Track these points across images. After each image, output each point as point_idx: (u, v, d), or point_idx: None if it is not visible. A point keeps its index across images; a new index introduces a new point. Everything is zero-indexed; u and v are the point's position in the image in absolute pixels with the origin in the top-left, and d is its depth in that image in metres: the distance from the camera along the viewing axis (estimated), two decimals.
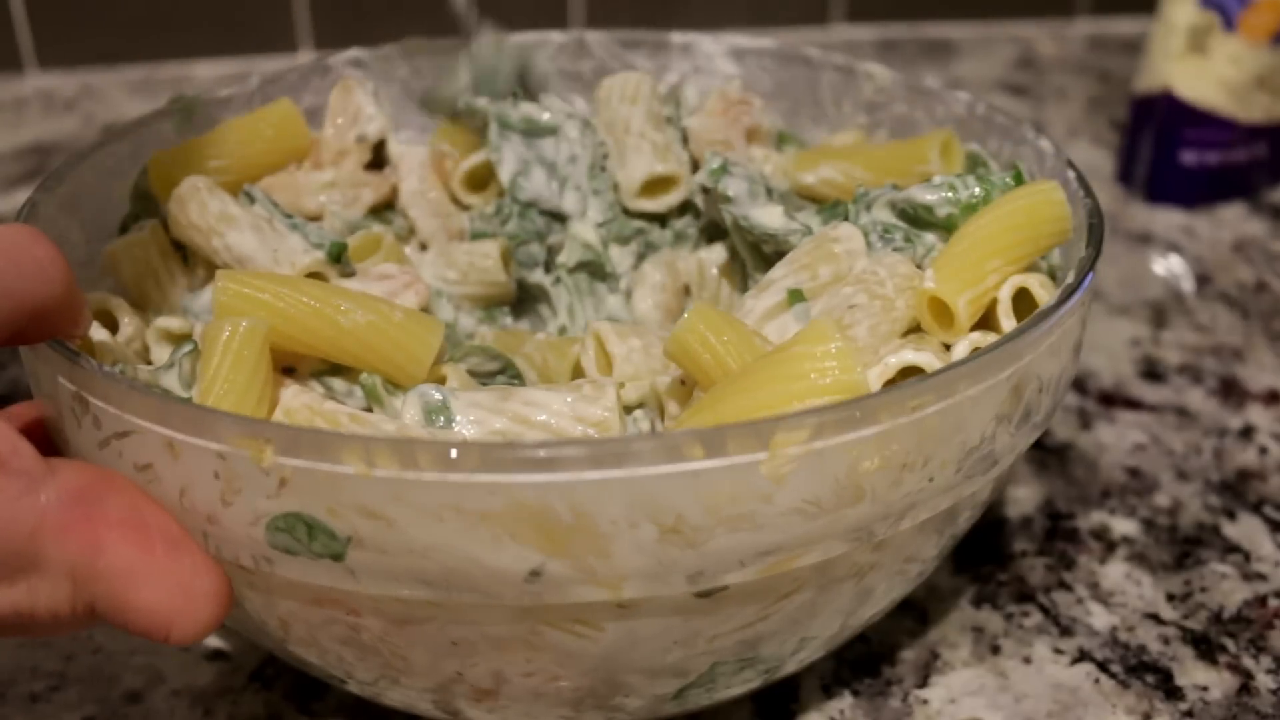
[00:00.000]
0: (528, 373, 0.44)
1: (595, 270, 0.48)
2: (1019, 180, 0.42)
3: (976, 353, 0.33)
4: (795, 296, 0.40)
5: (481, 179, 0.50)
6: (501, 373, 0.43)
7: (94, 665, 0.43)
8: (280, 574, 0.32)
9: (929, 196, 0.41)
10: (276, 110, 0.50)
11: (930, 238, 0.42)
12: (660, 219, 0.50)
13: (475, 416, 0.36)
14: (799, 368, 0.34)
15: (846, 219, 0.44)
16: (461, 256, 0.48)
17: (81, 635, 0.44)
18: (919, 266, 0.41)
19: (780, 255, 0.43)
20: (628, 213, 0.49)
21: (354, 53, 0.54)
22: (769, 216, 0.44)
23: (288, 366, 0.39)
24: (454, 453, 0.29)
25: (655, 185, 0.49)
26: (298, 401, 0.36)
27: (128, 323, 0.42)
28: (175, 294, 0.45)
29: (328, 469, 0.29)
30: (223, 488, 0.30)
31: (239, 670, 0.43)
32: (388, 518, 0.30)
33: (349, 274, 0.44)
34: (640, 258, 0.49)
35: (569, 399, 0.37)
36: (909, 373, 0.37)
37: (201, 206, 0.44)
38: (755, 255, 0.46)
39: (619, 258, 0.49)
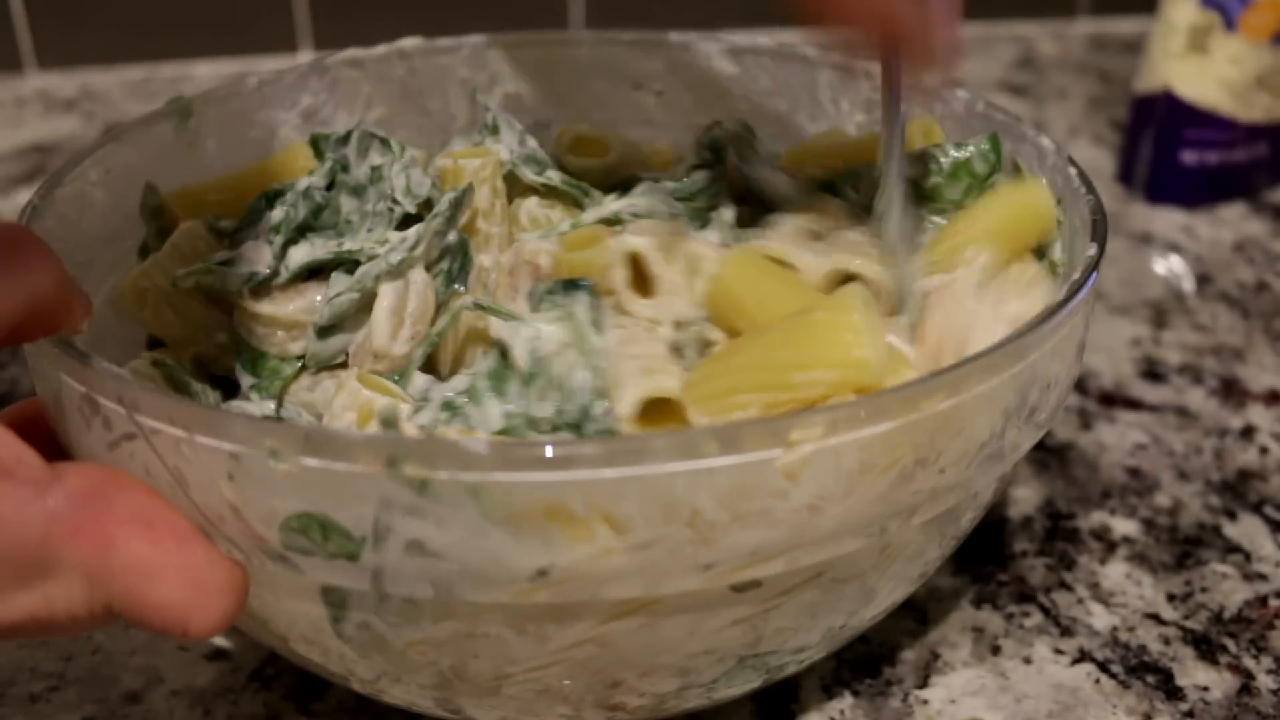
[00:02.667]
0: None
1: None
2: (995, 145, 0.43)
3: (986, 351, 0.33)
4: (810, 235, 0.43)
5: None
6: None
7: (93, 665, 0.43)
8: (295, 575, 0.32)
9: (911, 170, 0.43)
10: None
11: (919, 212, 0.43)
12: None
13: None
14: (816, 333, 0.35)
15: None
16: None
17: (81, 635, 0.44)
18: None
19: None
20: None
21: (352, 53, 0.54)
22: (776, 180, 0.46)
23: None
24: (470, 453, 0.29)
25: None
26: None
27: None
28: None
29: (343, 469, 0.29)
30: (236, 488, 0.30)
31: (239, 670, 0.43)
32: (403, 517, 0.30)
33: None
34: None
35: None
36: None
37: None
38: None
39: None
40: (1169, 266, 0.69)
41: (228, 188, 0.47)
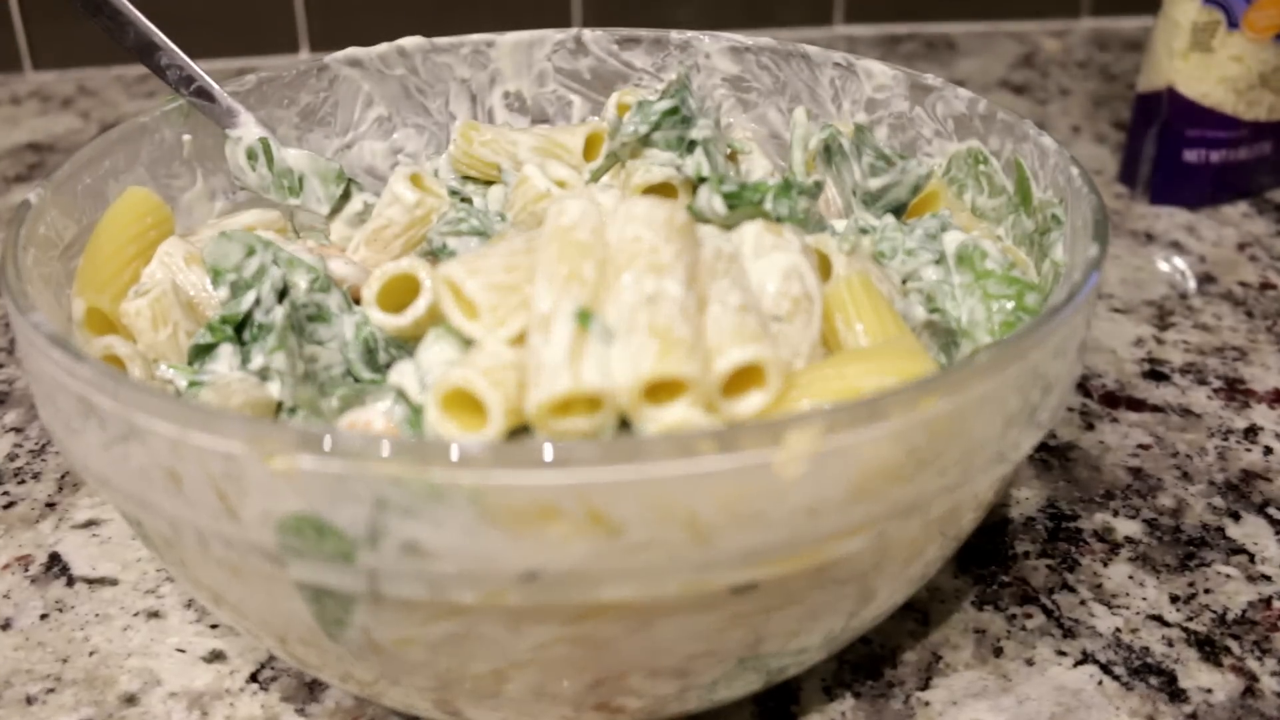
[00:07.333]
0: None
1: None
2: (1022, 177, 0.42)
3: (983, 351, 0.33)
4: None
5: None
6: None
7: (90, 667, 0.43)
8: (291, 575, 0.31)
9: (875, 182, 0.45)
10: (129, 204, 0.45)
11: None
12: None
13: None
14: (889, 350, 0.36)
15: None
16: None
17: (78, 637, 0.44)
18: None
19: None
20: None
21: (352, 52, 0.54)
22: None
23: None
24: (466, 452, 0.29)
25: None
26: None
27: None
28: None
29: (337, 469, 0.29)
30: (232, 489, 0.30)
31: (236, 672, 0.43)
32: (399, 518, 0.29)
33: None
34: None
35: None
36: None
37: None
38: None
39: None
40: (1172, 266, 0.69)
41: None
